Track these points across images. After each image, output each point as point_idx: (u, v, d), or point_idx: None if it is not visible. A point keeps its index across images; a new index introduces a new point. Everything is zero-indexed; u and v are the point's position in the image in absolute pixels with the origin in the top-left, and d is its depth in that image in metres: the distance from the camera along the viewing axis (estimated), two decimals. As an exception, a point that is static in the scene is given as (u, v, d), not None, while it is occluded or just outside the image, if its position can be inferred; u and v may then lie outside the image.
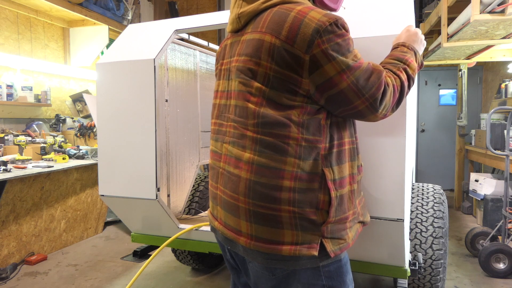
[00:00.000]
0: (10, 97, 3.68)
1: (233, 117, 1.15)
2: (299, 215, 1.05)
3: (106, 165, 2.17)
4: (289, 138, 1.05)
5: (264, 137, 1.07)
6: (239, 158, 1.11)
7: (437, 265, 2.18)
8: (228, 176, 1.14)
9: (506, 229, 3.23)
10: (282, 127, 1.05)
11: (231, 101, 1.17)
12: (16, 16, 3.97)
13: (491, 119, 3.67)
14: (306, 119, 1.06)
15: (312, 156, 1.06)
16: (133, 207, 2.20)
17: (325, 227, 1.07)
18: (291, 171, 1.05)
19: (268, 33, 1.06)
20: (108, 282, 3.01)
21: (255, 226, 1.07)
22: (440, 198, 2.35)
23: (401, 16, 1.56)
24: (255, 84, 1.08)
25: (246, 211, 1.08)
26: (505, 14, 2.66)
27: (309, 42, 1.01)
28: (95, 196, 4.03)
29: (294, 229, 1.05)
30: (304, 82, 1.04)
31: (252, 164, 1.07)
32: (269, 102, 1.07)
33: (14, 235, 3.18)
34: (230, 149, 1.15)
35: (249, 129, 1.09)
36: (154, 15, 5.99)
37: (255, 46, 1.08)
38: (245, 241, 1.10)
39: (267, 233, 1.06)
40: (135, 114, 2.06)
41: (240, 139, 1.12)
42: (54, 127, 4.26)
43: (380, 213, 1.58)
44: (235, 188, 1.10)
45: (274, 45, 1.04)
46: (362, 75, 1.05)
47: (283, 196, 1.04)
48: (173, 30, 2.11)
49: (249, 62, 1.09)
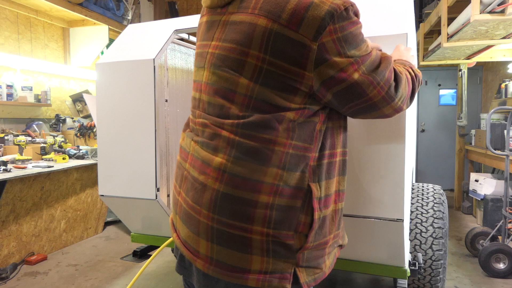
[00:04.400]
0: (10, 97, 3.68)
1: (204, 115, 0.96)
2: (273, 238, 0.87)
3: (105, 165, 2.17)
4: (275, 144, 0.86)
5: (243, 139, 0.87)
6: (207, 163, 0.90)
7: (437, 265, 2.18)
8: (192, 182, 0.94)
9: (506, 229, 3.23)
10: (268, 129, 0.86)
11: (202, 95, 0.97)
12: (16, 16, 3.97)
13: (491, 119, 3.67)
14: (299, 122, 0.88)
15: (300, 167, 0.88)
16: (132, 207, 2.20)
17: (301, 254, 0.89)
18: (271, 184, 0.86)
19: (263, 15, 0.85)
20: (108, 282, 3.01)
21: (217, 248, 0.88)
22: (440, 198, 2.35)
23: (401, 16, 1.56)
24: (241, 79, 0.87)
25: (207, 228, 0.89)
26: (505, 14, 2.66)
27: (319, 27, 0.82)
28: (95, 196, 4.03)
29: (265, 255, 0.87)
30: (307, 76, 0.85)
31: (223, 171, 0.87)
32: (258, 103, 0.87)
33: (14, 235, 3.18)
34: (197, 150, 0.95)
35: (225, 128, 0.89)
36: (154, 15, 5.99)
37: (244, 31, 0.87)
38: (202, 264, 0.90)
39: (231, 258, 0.87)
40: (135, 114, 2.06)
41: (211, 140, 0.91)
42: (54, 127, 4.26)
43: (379, 213, 1.58)
44: (198, 199, 0.91)
45: (271, 31, 0.84)
46: (373, 63, 0.90)
47: (258, 214, 0.86)
48: (173, 30, 2.11)
49: (233, 51, 0.88)
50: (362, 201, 1.56)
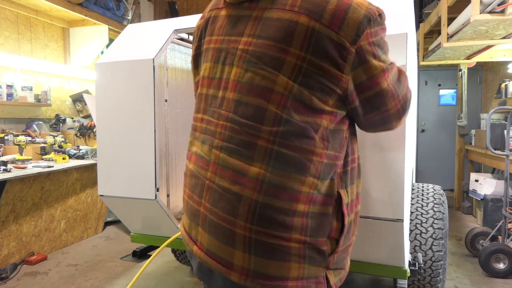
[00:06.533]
0: (10, 97, 3.68)
1: (232, 116, 0.91)
2: (309, 245, 0.89)
3: (105, 165, 2.17)
4: (313, 154, 0.87)
5: (281, 149, 0.86)
6: (242, 172, 0.88)
7: (437, 266, 2.18)
8: (220, 192, 0.91)
9: (506, 229, 3.23)
10: (305, 139, 0.86)
11: (227, 93, 0.93)
12: (16, 16, 3.97)
13: (491, 119, 3.66)
14: (331, 129, 0.90)
15: (330, 175, 0.91)
16: (132, 207, 2.20)
17: (331, 258, 0.93)
18: (307, 192, 0.87)
19: (304, 14, 0.85)
20: (108, 282, 3.01)
21: (255, 259, 0.87)
22: (440, 198, 2.35)
23: (401, 16, 1.56)
24: (279, 78, 0.86)
25: (245, 239, 0.87)
26: (505, 14, 2.65)
27: (358, 30, 0.84)
28: (95, 196, 4.03)
29: (302, 261, 0.89)
30: (344, 78, 0.86)
31: (262, 181, 0.86)
32: (294, 103, 0.86)
33: (14, 235, 3.18)
34: (224, 158, 0.91)
35: (261, 136, 0.87)
36: (154, 15, 5.99)
37: (284, 28, 0.86)
38: (238, 276, 0.88)
39: (270, 267, 0.87)
40: (135, 114, 2.06)
41: (245, 148, 0.88)
42: (54, 127, 4.26)
43: (379, 213, 1.58)
44: (232, 210, 0.88)
45: (313, 30, 0.83)
46: (395, 75, 0.94)
47: (296, 222, 0.87)
48: (173, 30, 2.11)
49: (272, 48, 0.87)
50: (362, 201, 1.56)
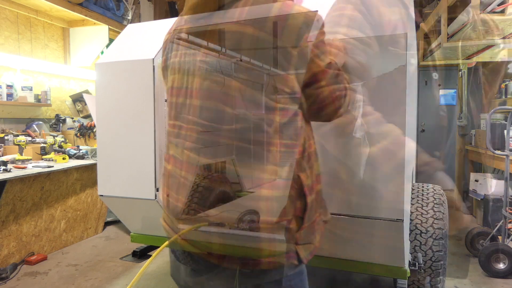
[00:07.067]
0: (10, 97, 3.68)
1: (196, 120, 1.04)
2: (278, 225, 1.01)
3: (105, 165, 2.17)
4: (270, 145, 0.99)
5: (243, 144, 1.00)
6: (210, 168, 1.05)
7: (437, 266, 2.18)
8: (194, 188, 1.10)
9: (506, 229, 3.23)
10: (262, 133, 0.98)
11: (193, 100, 1.05)
12: (16, 16, 3.97)
13: (491, 119, 3.66)
14: (285, 123, 1.00)
15: (289, 161, 1.01)
16: (132, 207, 2.19)
17: (299, 234, 1.04)
18: (270, 179, 1.00)
19: (250, 24, 0.96)
20: (108, 282, 3.01)
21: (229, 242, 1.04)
22: (440, 199, 2.35)
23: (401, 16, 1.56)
24: (232, 82, 0.99)
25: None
26: (505, 14, 2.66)
27: (298, 35, 0.95)
28: (95, 196, 4.03)
29: (272, 240, 1.02)
30: (290, 78, 0.97)
31: (228, 174, 1.03)
32: (248, 103, 0.99)
33: (14, 235, 3.18)
34: (194, 158, 1.07)
35: (222, 135, 1.02)
36: (154, 15, 5.99)
37: (234, 38, 0.98)
38: (217, 259, 1.09)
39: (245, 248, 1.03)
40: (134, 114, 2.06)
41: (211, 147, 1.04)
42: (54, 127, 4.26)
43: (379, 213, 1.58)
44: (204, 202, 1.07)
45: (258, 38, 0.95)
46: (334, 71, 1.04)
47: (263, 207, 1.01)
48: (173, 30, 2.11)
49: (225, 57, 1.00)
50: (362, 201, 1.56)
